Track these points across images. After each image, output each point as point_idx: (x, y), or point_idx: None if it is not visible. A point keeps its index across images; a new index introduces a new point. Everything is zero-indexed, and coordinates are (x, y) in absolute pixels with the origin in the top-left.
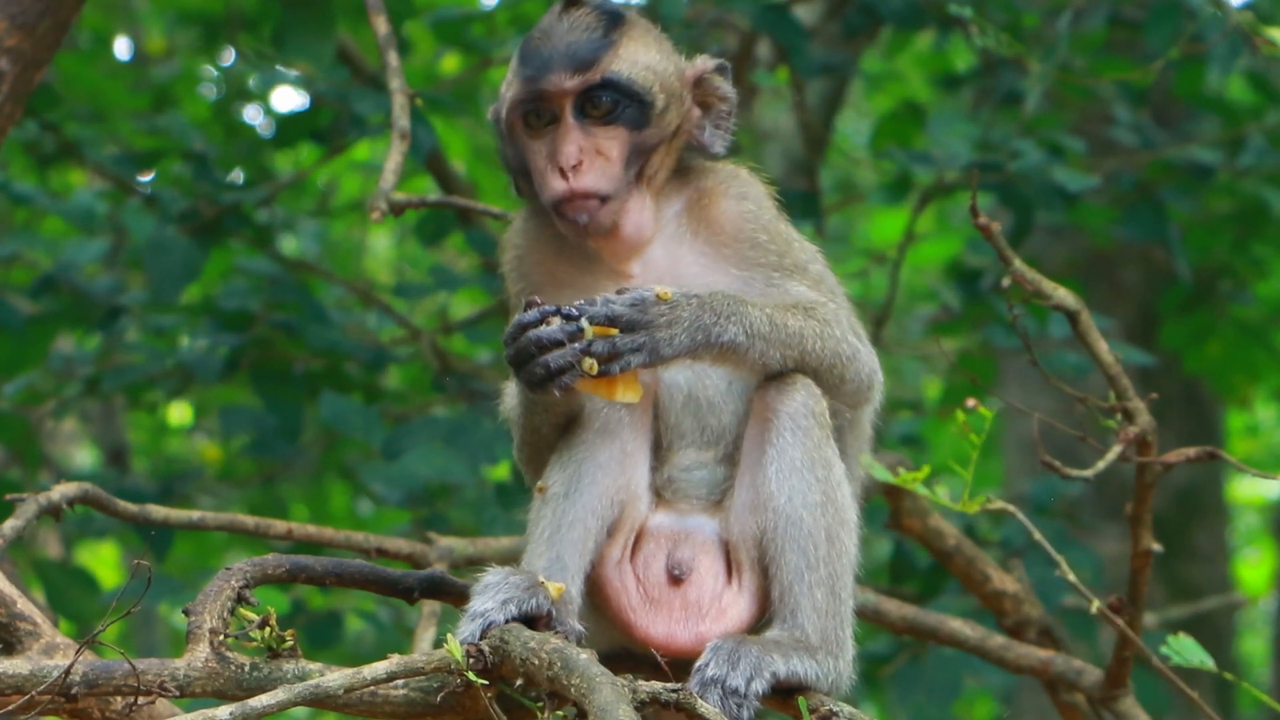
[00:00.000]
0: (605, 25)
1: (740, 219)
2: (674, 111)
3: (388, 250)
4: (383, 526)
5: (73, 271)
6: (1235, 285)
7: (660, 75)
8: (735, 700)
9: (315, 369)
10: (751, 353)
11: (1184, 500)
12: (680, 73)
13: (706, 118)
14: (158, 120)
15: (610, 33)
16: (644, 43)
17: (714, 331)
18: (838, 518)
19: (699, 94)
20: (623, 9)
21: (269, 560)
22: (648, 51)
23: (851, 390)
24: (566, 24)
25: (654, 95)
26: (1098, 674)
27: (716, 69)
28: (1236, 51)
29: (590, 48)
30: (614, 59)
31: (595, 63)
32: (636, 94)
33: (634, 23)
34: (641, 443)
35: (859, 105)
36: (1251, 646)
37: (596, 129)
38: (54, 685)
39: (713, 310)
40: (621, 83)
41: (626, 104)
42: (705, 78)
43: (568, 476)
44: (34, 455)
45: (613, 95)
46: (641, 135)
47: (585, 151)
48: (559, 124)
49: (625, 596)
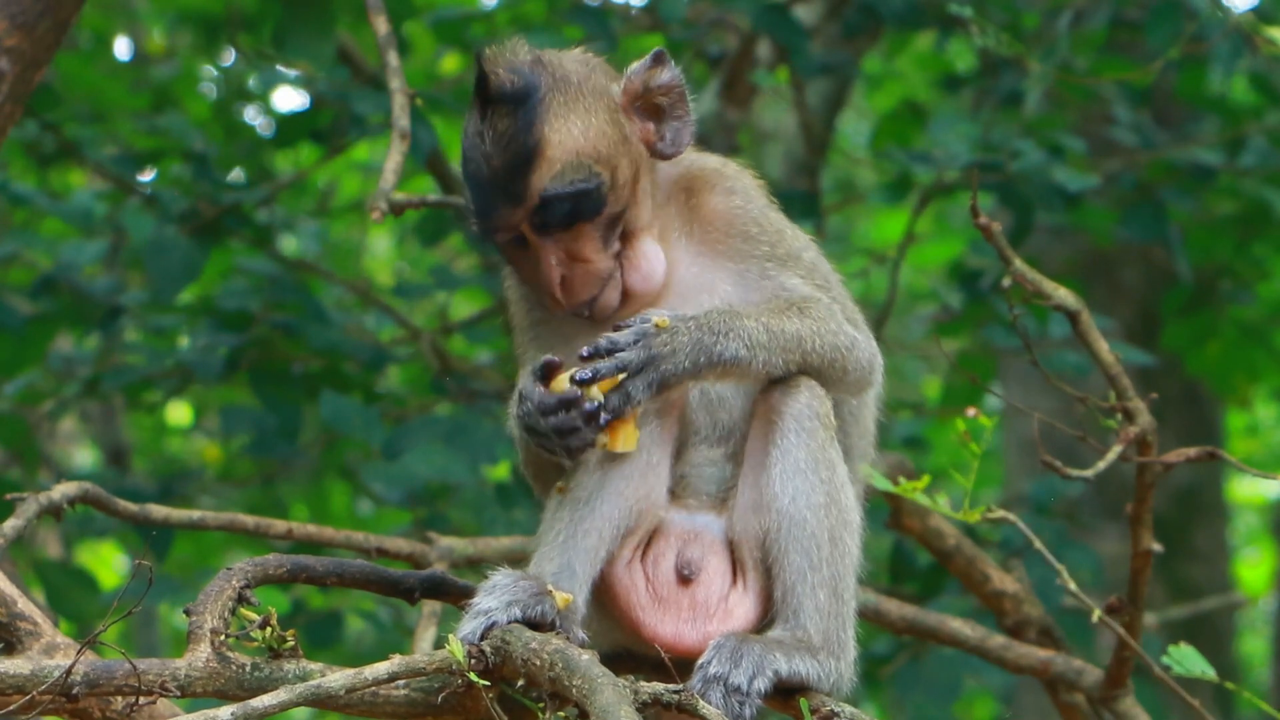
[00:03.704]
0: (523, 122)
1: (731, 214)
2: (624, 166)
3: (388, 250)
4: (383, 526)
5: (72, 271)
6: (1236, 286)
7: (596, 145)
8: (738, 698)
9: (315, 369)
10: (754, 364)
11: (1184, 500)
12: (613, 110)
13: (662, 123)
14: (158, 120)
15: (529, 131)
16: (567, 118)
17: (715, 351)
18: (841, 519)
19: (643, 104)
20: (535, 78)
21: (270, 560)
22: (573, 128)
23: (854, 380)
24: (489, 140)
25: (598, 175)
26: (1098, 674)
27: (652, 65)
28: (1238, 52)
29: (516, 168)
30: (544, 169)
31: (526, 187)
32: (579, 193)
33: (551, 90)
34: (665, 453)
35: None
36: (1251, 646)
37: (562, 235)
38: (55, 685)
39: (710, 329)
40: (560, 193)
41: (575, 203)
42: (644, 87)
43: (592, 483)
44: (34, 455)
45: (558, 205)
46: (605, 214)
47: (562, 264)
48: (527, 243)
49: (634, 595)
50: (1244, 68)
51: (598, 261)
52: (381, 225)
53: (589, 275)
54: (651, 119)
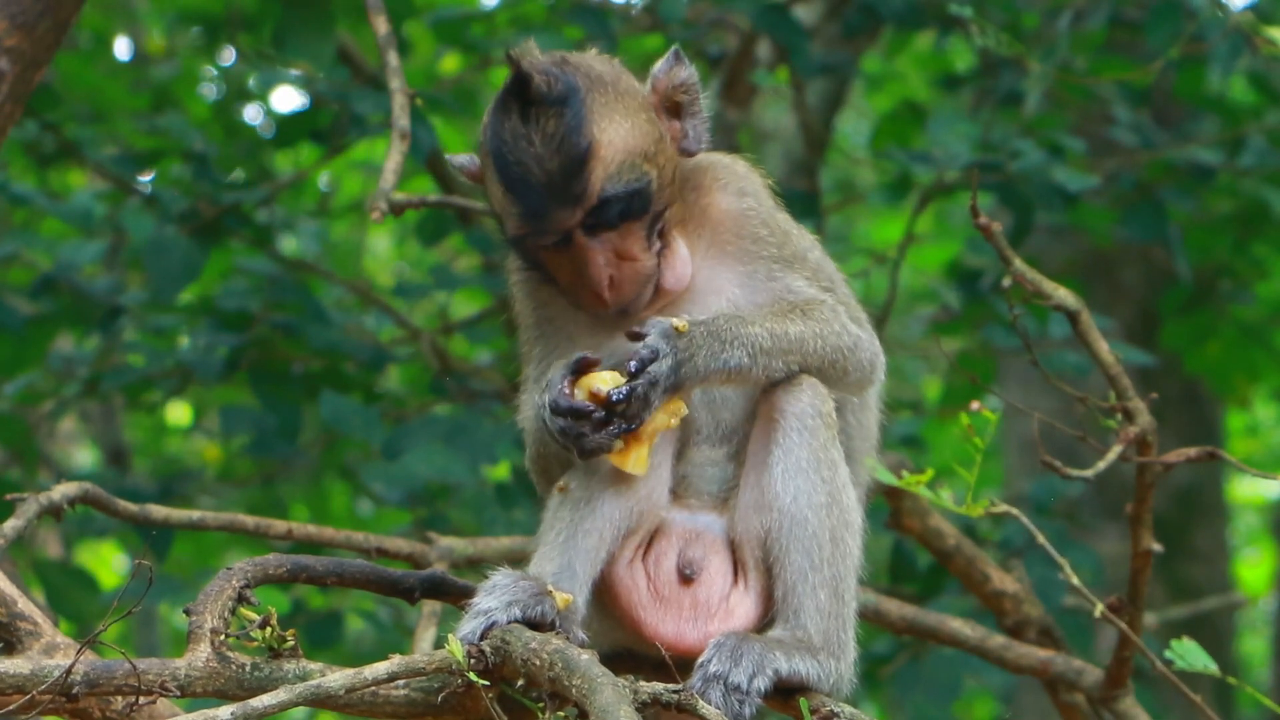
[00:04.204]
0: (572, 122)
1: (741, 215)
2: (666, 164)
3: (388, 250)
4: (383, 526)
5: (72, 272)
6: (1235, 285)
7: (643, 144)
8: (737, 697)
9: (315, 369)
10: (755, 370)
11: (1184, 500)
12: (648, 109)
13: (682, 120)
14: (158, 120)
15: (581, 131)
16: (612, 117)
17: (722, 358)
18: (842, 519)
19: (666, 102)
20: (573, 80)
21: (270, 560)
22: (621, 127)
23: (855, 380)
24: (539, 142)
25: (648, 175)
26: (1098, 674)
27: (672, 64)
28: (1238, 52)
29: (574, 169)
30: (600, 170)
31: (586, 187)
32: (635, 191)
33: (591, 91)
34: (667, 453)
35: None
36: (1251, 646)
37: (611, 236)
38: (55, 685)
39: (719, 338)
40: (620, 193)
41: (630, 203)
42: (667, 86)
43: (593, 483)
44: (34, 455)
45: (615, 204)
46: (652, 213)
47: (611, 264)
48: (572, 243)
49: (635, 594)
50: (1243, 68)
51: (644, 260)
52: (381, 225)
53: (637, 274)
54: (675, 117)
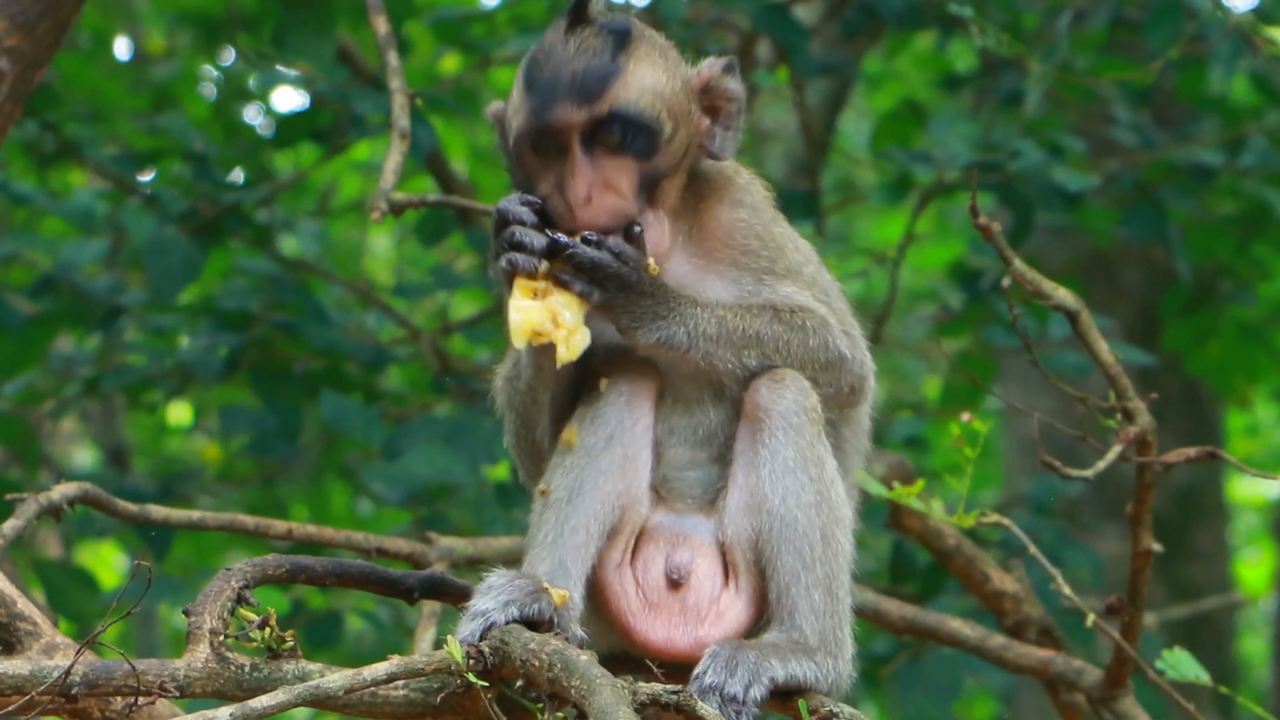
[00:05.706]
0: (612, 47)
1: (733, 226)
2: (683, 133)
3: (388, 250)
4: (383, 526)
5: (72, 271)
6: (1236, 286)
7: (668, 100)
8: (734, 708)
9: (315, 369)
10: (693, 352)
11: (1184, 500)
12: (687, 85)
13: (716, 124)
14: (158, 120)
15: (617, 55)
16: (651, 62)
17: (658, 325)
18: (832, 516)
19: (706, 100)
20: (629, 22)
21: (269, 560)
22: (655, 73)
23: (831, 395)
24: (572, 47)
25: (662, 124)
26: (1098, 674)
27: (724, 70)
28: (1238, 52)
29: (596, 76)
30: (621, 88)
31: (602, 94)
32: (645, 125)
33: (640, 38)
34: (642, 447)
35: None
36: (1251, 646)
37: (605, 160)
38: (54, 685)
39: (665, 303)
40: (630, 115)
41: (635, 135)
42: (712, 84)
43: (570, 481)
44: (34, 455)
45: (621, 127)
46: (651, 163)
47: (594, 185)
48: (567, 155)
49: (625, 601)
50: (1244, 68)
51: (626, 200)
52: (381, 225)
53: (614, 208)
54: (709, 117)
